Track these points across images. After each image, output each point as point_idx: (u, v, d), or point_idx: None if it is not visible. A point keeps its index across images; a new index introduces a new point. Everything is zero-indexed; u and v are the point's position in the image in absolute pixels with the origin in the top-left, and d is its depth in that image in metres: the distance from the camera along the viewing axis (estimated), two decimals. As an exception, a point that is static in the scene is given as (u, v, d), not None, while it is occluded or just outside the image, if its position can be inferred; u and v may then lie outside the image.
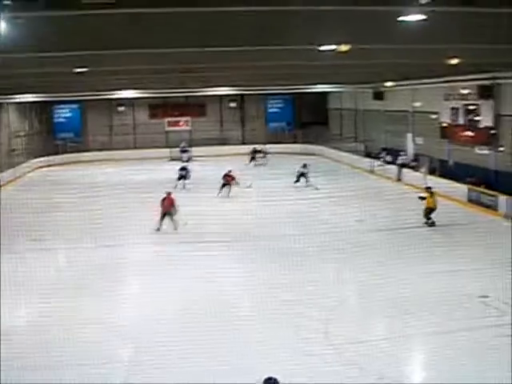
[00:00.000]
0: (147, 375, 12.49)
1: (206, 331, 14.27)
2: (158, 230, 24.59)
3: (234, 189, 32.84)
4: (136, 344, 14.17)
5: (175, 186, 33.77)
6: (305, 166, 36.04)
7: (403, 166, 37.80)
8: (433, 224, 24.82)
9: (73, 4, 8.71)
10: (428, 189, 25.81)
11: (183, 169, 36.69)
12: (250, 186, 33.93)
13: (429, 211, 25.05)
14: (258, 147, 48.65)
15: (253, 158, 47.40)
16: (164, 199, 25.33)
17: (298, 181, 35.57)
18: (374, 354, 13.26)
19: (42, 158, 49.71)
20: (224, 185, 32.82)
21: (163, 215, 25.02)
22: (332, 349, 13.72)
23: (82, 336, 14.21)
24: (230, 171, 33.58)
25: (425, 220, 25.07)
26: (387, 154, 41.07)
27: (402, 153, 38.88)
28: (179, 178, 35.78)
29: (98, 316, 15.75)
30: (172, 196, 25.52)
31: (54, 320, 15.29)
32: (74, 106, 54.16)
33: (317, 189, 33.67)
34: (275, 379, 8.81)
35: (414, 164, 37.84)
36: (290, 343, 13.53)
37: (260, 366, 12.49)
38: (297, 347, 13.41)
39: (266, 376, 8.77)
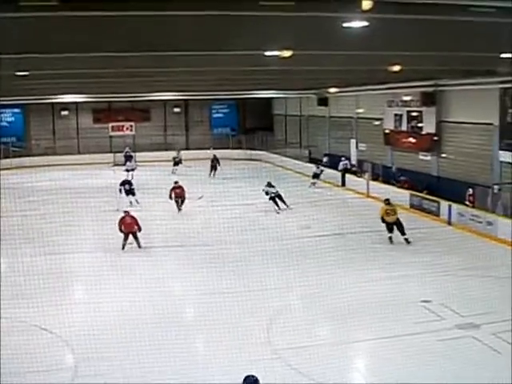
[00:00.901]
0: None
1: (149, 340, 14.20)
2: (123, 249, 22.82)
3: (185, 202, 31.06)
4: (79, 353, 13.99)
5: (119, 203, 32.76)
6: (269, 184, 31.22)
7: (346, 171, 38.09)
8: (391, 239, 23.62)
9: (10, 6, 8.54)
10: (385, 201, 24.51)
11: (127, 182, 33.20)
12: (201, 198, 31.59)
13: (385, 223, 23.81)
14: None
15: (213, 167, 44.11)
16: (123, 218, 23.15)
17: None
18: (316, 359, 13.31)
19: (-18, 163, 48.85)
20: (177, 200, 30.35)
21: (126, 235, 23.00)
22: (275, 355, 13.76)
23: (24, 344, 13.95)
24: (176, 182, 31.08)
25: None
26: (330, 159, 41.42)
27: (342, 158, 39.18)
28: (127, 194, 32.30)
29: (41, 324, 15.54)
30: (132, 214, 23.50)
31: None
32: (17, 110, 53.41)
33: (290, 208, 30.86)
34: (255, 377, 9.11)
35: (355, 169, 38.25)
36: (234, 350, 13.50)
37: (205, 373, 12.52)
38: (241, 354, 13.38)
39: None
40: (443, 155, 30.36)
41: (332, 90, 38.54)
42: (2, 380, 12.35)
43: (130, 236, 23.10)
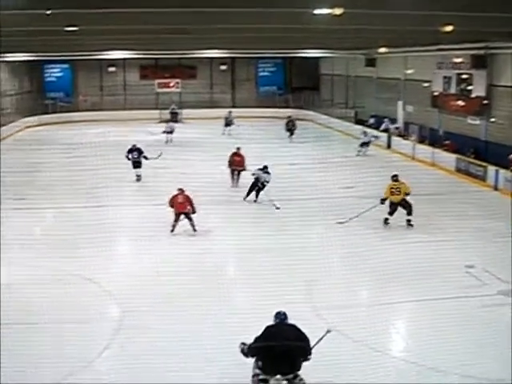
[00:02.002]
0: (132, 336, 12.57)
1: (192, 293, 14.37)
2: (172, 231, 19.98)
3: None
4: (123, 305, 14.20)
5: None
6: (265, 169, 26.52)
7: (386, 131, 37.81)
8: (386, 221, 20.92)
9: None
10: (393, 177, 21.39)
11: (135, 150, 29.35)
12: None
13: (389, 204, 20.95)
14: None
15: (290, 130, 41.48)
16: (175, 196, 20.31)
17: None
18: (356, 319, 13.35)
19: (31, 118, 49.39)
20: (234, 170, 26.76)
21: (177, 216, 20.22)
22: (315, 314, 13.81)
23: (68, 295, 14.20)
24: (238, 149, 27.24)
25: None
26: (376, 121, 41.07)
27: (385, 119, 38.87)
28: (134, 166, 29.04)
29: (85, 276, 15.80)
30: (187, 193, 20.36)
31: (39, 278, 15.32)
32: (65, 65, 53.83)
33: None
34: (284, 313, 9.81)
35: (399, 131, 37.92)
36: (274, 307, 13.58)
37: (245, 328, 12.61)
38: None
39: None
40: (492, 120, 29.89)
41: (381, 50, 38.03)
42: (48, 329, 12.61)
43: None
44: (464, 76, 32.09)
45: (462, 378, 10.86)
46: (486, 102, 30.18)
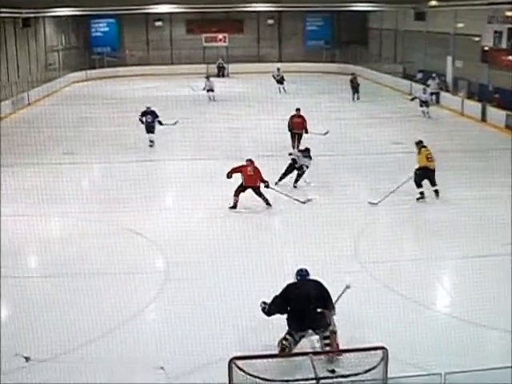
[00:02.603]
0: (180, 287, 12.79)
1: (235, 245, 14.53)
2: (235, 207, 17.99)
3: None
4: (170, 257, 14.43)
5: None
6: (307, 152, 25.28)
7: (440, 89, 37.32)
8: (422, 197, 18.63)
9: None
10: (419, 143, 19.54)
11: (149, 113, 26.49)
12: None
13: (419, 174, 18.74)
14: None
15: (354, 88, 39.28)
16: (243, 167, 18.15)
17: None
18: (402, 274, 13.42)
19: (78, 73, 49.79)
20: (295, 134, 24.33)
21: (244, 189, 18.14)
22: (360, 267, 13.90)
23: (117, 247, 14.45)
24: (298, 110, 24.60)
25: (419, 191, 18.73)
26: (424, 76, 40.55)
27: (433, 74, 38.30)
28: (147, 130, 26.73)
29: (133, 228, 16.06)
30: (256, 165, 18.17)
31: (88, 230, 15.62)
32: (111, 20, 53.91)
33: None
34: (306, 270, 9.95)
35: (444, 86, 37.50)
36: (321, 261, 13.67)
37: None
38: (327, 265, 13.56)
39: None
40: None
41: (431, 3, 37.33)
42: (98, 280, 12.88)
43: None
44: (515, 30, 31.45)
45: (503, 333, 10.86)
46: (537, 57, 29.62)
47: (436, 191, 18.59)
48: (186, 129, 26.95)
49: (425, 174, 18.63)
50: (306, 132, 24.13)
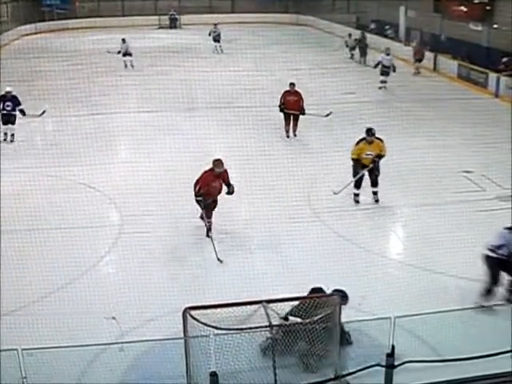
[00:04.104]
0: (134, 240, 12.84)
1: (191, 199, 14.54)
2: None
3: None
4: (123, 210, 14.43)
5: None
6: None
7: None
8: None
9: None
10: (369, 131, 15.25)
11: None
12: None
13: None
14: None
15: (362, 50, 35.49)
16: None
17: None
18: (355, 223, 13.66)
19: (28, 26, 48.67)
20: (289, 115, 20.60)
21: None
22: (315, 217, 14.06)
23: (70, 201, 14.38)
24: (292, 85, 20.63)
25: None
26: (377, 26, 40.58)
27: (386, 27, 38.43)
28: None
29: (86, 182, 15.96)
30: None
31: (42, 185, 15.48)
32: (61, -30, 52.83)
33: None
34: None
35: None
36: (276, 211, 13.81)
37: (248, 231, 12.90)
38: (282, 214, 13.75)
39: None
40: (495, 26, 29.49)
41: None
42: (52, 234, 12.84)
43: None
44: (467, -20, 31.56)
45: (458, 279, 11.12)
46: (488, 7, 29.74)
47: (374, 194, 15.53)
48: (136, 81, 26.73)
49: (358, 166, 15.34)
50: (303, 113, 20.33)
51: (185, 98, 22.30)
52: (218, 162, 12.96)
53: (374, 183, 15.16)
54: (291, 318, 8.28)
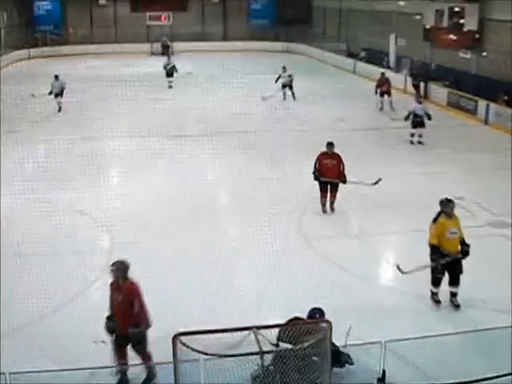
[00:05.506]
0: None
1: (184, 224, 14.59)
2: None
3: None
4: (115, 235, 14.41)
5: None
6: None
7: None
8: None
9: None
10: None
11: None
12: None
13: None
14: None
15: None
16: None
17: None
18: (346, 249, 13.67)
19: (21, 51, 48.89)
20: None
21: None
22: (306, 244, 14.07)
23: (61, 226, 14.36)
24: (330, 146, 16.11)
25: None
26: (368, 54, 40.89)
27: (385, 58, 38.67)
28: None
29: (78, 208, 15.96)
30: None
31: (31, 210, 15.45)
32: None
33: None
34: (320, 309, 9.00)
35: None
36: (267, 236, 13.85)
37: (236, 256, 12.91)
38: (274, 242, 13.76)
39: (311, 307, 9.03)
40: (484, 53, 29.75)
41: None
42: (42, 259, 12.78)
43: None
44: (456, 9, 31.80)
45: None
46: (477, 35, 29.99)
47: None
48: (129, 107, 26.78)
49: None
50: (344, 181, 15.97)
51: (175, 124, 22.44)
52: None
53: (456, 281, 11.44)
54: (282, 344, 8.26)
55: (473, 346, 9.49)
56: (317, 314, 8.94)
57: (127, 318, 8.87)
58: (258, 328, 7.97)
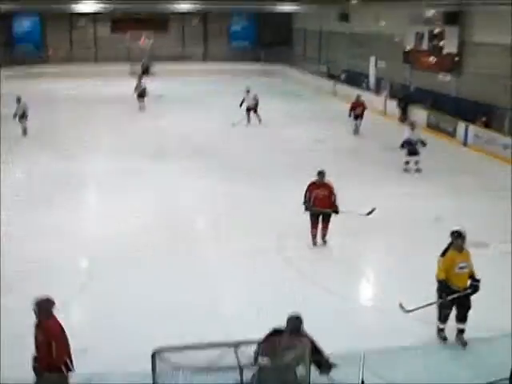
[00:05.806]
0: (103, 285, 12.71)
1: (162, 245, 14.53)
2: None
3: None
4: (93, 257, 14.27)
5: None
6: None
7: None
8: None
9: None
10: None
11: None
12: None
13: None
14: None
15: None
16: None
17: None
18: (326, 270, 13.62)
19: (-1, 71, 48.64)
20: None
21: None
22: (285, 263, 14.04)
23: (39, 247, 14.26)
24: (321, 175, 15.09)
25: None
26: (348, 76, 41.12)
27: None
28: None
29: (56, 228, 15.78)
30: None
31: (10, 230, 15.28)
32: (34, 17, 52.99)
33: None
34: (298, 316, 8.55)
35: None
36: (247, 257, 13.79)
37: (216, 277, 12.81)
38: (250, 260, 13.71)
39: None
40: (463, 76, 29.97)
41: (352, 2, 37.47)
42: (19, 284, 12.58)
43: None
44: (436, 32, 32.08)
45: (424, 324, 11.12)
46: (457, 58, 30.22)
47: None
48: (109, 127, 26.76)
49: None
50: (336, 211, 15.03)
51: (155, 145, 22.43)
52: None
53: (463, 317, 10.74)
54: (261, 359, 8.18)
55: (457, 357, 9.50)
56: (295, 321, 8.53)
57: (47, 359, 8.18)
58: (238, 344, 7.90)
